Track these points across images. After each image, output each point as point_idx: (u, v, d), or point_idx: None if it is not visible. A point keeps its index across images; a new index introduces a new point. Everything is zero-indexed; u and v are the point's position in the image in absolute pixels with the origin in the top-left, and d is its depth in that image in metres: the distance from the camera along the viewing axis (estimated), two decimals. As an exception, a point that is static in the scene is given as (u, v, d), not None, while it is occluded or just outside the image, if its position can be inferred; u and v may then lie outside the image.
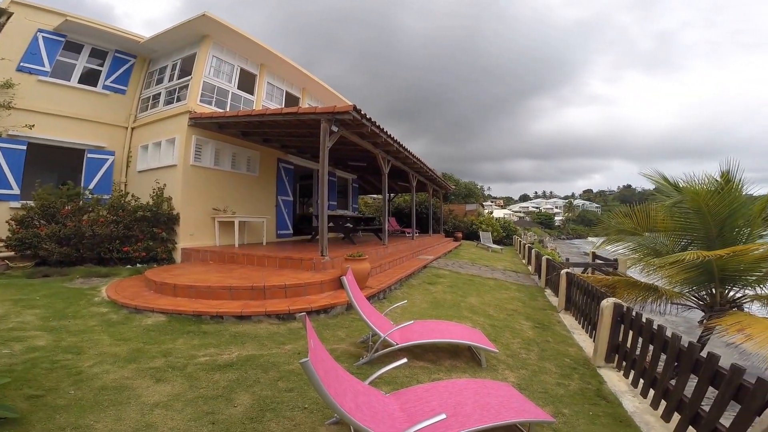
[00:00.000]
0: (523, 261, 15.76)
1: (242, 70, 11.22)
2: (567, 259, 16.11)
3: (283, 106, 12.80)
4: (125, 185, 10.35)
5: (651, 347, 3.70)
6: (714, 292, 6.47)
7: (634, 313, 4.14)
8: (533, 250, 12.57)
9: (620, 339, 4.34)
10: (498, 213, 44.13)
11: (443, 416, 2.23)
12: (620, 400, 3.65)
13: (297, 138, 10.67)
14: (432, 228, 19.21)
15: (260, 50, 11.21)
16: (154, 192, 9.01)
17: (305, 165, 13.45)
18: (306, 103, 14.10)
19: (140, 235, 8.48)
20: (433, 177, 15.51)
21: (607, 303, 4.45)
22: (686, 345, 3.17)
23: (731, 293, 6.49)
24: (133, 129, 10.65)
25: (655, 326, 3.70)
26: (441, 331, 4.33)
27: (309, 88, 14.32)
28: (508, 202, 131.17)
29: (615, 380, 4.13)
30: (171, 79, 10.33)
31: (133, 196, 9.18)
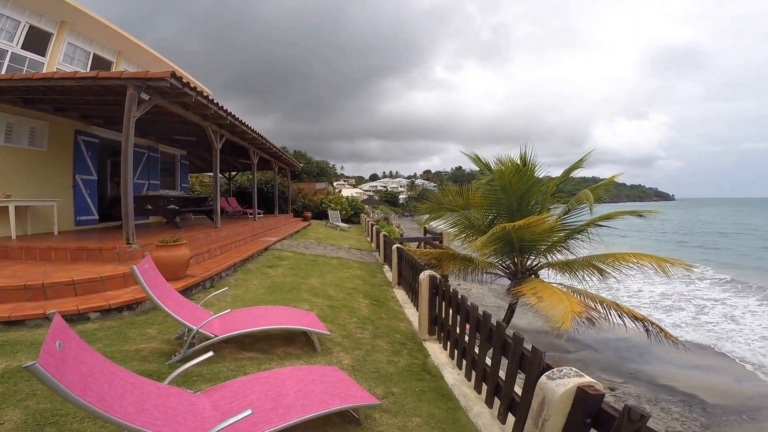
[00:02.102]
0: (368, 239, 16.52)
1: (32, 27, 8.97)
2: (401, 235, 17.52)
3: (89, 70, 10.73)
4: None
5: (459, 318, 3.87)
6: (516, 261, 7.78)
7: (446, 286, 4.33)
8: (374, 227, 13.20)
9: (437, 311, 4.51)
10: (349, 192, 45.46)
11: (249, 412, 2.00)
12: (442, 373, 3.83)
13: (104, 107, 8.68)
14: (279, 208, 18.49)
15: (59, 3, 9.04)
16: None
17: (116, 138, 11.11)
18: (122, 69, 11.80)
19: None
20: (278, 154, 14.77)
21: (424, 276, 4.57)
22: (482, 314, 3.30)
23: (529, 262, 7.88)
24: None
25: (460, 297, 3.86)
26: (269, 317, 4.04)
27: (127, 51, 12.29)
28: (359, 181, 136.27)
29: (438, 353, 4.34)
30: None
31: None
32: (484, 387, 3.19)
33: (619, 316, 6.48)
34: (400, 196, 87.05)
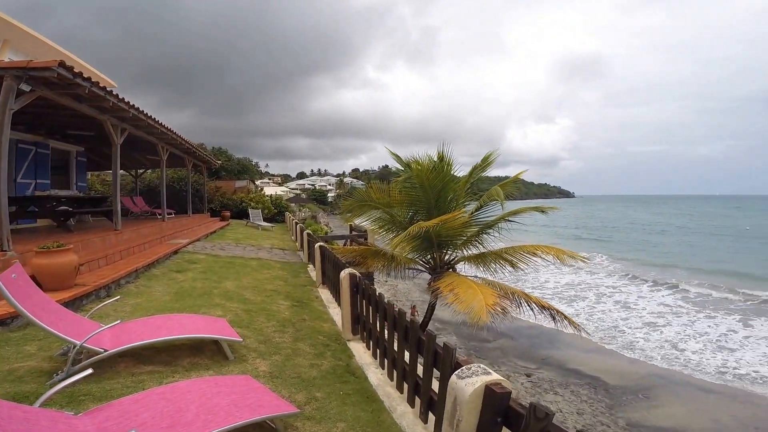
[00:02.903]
0: (292, 238, 16.07)
1: None
2: (326, 233, 17.32)
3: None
4: None
5: (378, 316, 3.82)
6: (435, 256, 8.03)
7: (366, 284, 4.30)
8: (298, 225, 12.85)
9: (360, 310, 4.43)
10: (272, 190, 43.87)
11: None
12: (366, 374, 3.77)
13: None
14: (194, 207, 17.20)
15: None
16: None
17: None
18: (7, 58, 10.08)
19: None
20: (192, 150, 13.70)
21: (344, 274, 4.49)
22: (398, 312, 3.29)
23: (447, 256, 8.17)
24: None
25: (378, 295, 3.83)
26: (171, 327, 3.68)
27: (14, 40, 10.76)
28: (286, 179, 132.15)
29: (362, 353, 4.26)
30: None
31: None
32: (406, 386, 3.17)
33: (529, 306, 7.01)
34: (329, 195, 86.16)
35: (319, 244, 7.16)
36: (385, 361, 3.63)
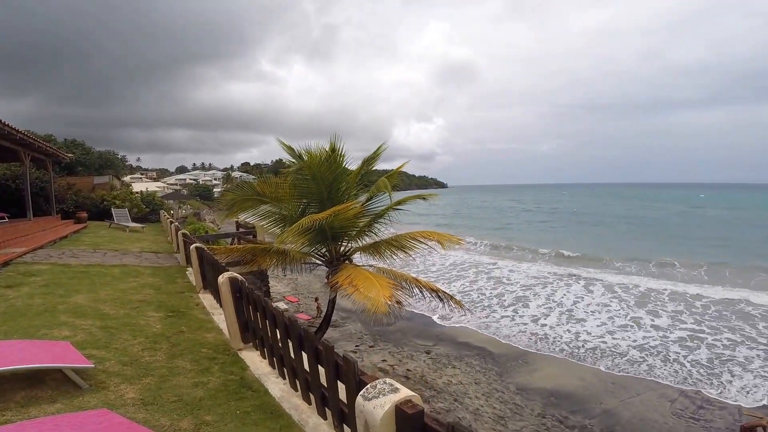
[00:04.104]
0: (169, 239, 14.41)
1: None
2: (207, 231, 16.02)
3: None
4: None
5: (269, 323, 3.46)
6: (330, 248, 7.89)
7: (249, 288, 3.89)
8: (173, 225, 11.51)
9: (247, 315, 4.02)
10: (145, 186, 38.81)
11: None
12: (266, 386, 3.38)
13: None
14: (36, 209, 14.27)
15: None
16: None
17: None
18: None
19: None
20: (28, 141, 11.25)
21: (223, 279, 4.03)
22: (289, 319, 2.99)
23: (342, 248, 8.09)
24: None
25: (264, 301, 3.49)
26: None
27: None
28: (163, 174, 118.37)
29: (258, 363, 3.84)
30: None
31: None
32: (313, 397, 2.89)
33: (420, 291, 7.39)
34: (215, 190, 79.46)
35: (195, 245, 6.43)
36: (285, 370, 3.30)
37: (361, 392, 1.85)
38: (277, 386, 3.37)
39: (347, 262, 7.75)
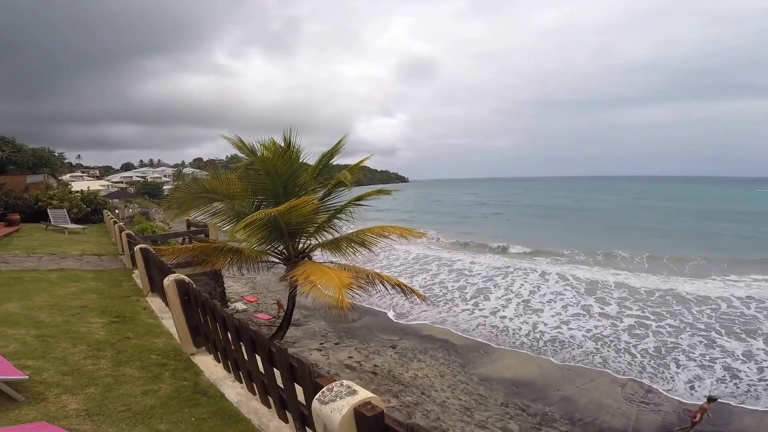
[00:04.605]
0: (113, 240, 13.49)
1: None
2: (154, 231, 15.19)
3: None
4: None
5: (219, 326, 3.29)
6: (288, 245, 7.67)
7: (198, 291, 3.67)
8: (117, 225, 10.77)
9: (198, 319, 3.83)
10: (86, 185, 36.14)
11: None
12: (223, 391, 3.24)
13: None
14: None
15: None
16: None
17: None
18: None
19: None
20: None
21: (169, 281, 3.83)
22: (239, 323, 2.86)
23: (300, 245, 7.89)
24: None
25: (213, 305, 3.27)
26: None
27: None
28: (107, 171, 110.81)
29: (212, 367, 3.67)
30: None
31: None
32: (272, 400, 2.78)
33: (383, 285, 7.37)
34: (165, 187, 75.40)
35: (140, 246, 6.02)
36: (241, 374, 3.16)
37: (316, 396, 1.78)
38: (234, 390, 3.24)
39: (306, 259, 7.58)
